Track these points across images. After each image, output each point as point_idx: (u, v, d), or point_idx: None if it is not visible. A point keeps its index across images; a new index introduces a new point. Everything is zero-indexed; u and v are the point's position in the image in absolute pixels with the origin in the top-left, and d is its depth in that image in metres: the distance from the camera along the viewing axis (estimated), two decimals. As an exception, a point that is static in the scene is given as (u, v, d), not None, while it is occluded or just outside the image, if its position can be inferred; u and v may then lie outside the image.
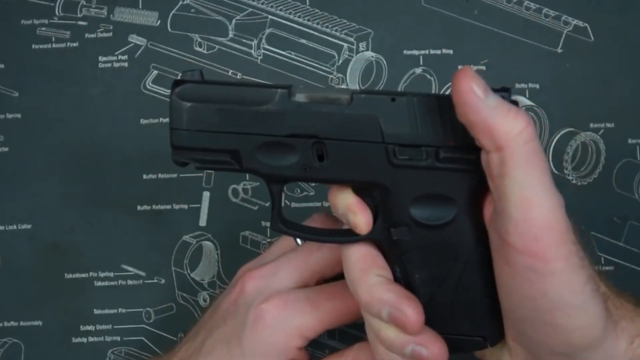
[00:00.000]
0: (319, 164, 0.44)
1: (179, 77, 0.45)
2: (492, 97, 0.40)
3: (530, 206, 0.39)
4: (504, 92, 0.41)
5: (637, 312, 0.44)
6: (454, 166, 0.43)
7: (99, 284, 0.63)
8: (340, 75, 0.63)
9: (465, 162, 0.42)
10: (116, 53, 0.64)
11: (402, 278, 0.45)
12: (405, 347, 0.44)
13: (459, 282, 0.44)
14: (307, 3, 0.64)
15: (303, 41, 0.63)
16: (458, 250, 0.44)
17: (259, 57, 0.63)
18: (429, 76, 0.63)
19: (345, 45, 0.63)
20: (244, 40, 0.63)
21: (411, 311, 0.43)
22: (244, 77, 0.63)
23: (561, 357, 0.43)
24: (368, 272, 0.45)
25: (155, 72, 0.64)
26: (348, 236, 0.46)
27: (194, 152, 0.45)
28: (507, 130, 0.39)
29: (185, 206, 0.63)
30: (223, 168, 0.45)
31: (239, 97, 0.44)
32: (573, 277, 0.40)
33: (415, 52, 0.63)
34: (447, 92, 0.45)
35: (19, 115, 0.64)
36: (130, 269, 0.63)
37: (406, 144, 0.43)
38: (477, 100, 0.40)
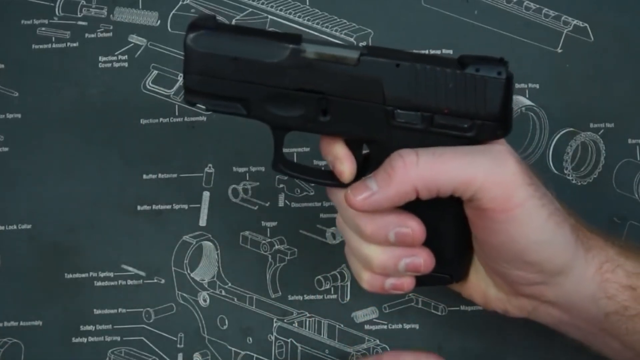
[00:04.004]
0: (322, 117, 0.47)
1: (193, 20, 0.46)
2: (371, 182, 0.46)
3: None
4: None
5: (607, 243, 0.48)
6: (447, 132, 0.46)
7: (99, 284, 0.63)
8: (340, 75, 0.63)
9: (457, 129, 0.46)
10: (116, 53, 0.64)
11: None
12: (398, 263, 0.48)
13: (436, 230, 0.48)
14: (307, 3, 0.64)
15: (303, 41, 0.63)
16: (438, 205, 0.47)
17: (259, 57, 0.63)
18: (429, 76, 0.63)
19: (345, 45, 0.63)
20: (244, 40, 0.63)
21: (414, 223, 0.47)
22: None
23: (538, 285, 0.47)
24: None
25: (155, 72, 0.64)
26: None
27: (205, 96, 0.47)
28: (401, 174, 0.45)
29: (185, 206, 0.63)
30: (232, 113, 0.47)
31: (252, 50, 0.46)
32: (534, 217, 0.45)
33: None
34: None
35: (19, 115, 0.64)
36: (130, 269, 0.63)
37: (405, 108, 0.46)
38: (370, 198, 0.46)
